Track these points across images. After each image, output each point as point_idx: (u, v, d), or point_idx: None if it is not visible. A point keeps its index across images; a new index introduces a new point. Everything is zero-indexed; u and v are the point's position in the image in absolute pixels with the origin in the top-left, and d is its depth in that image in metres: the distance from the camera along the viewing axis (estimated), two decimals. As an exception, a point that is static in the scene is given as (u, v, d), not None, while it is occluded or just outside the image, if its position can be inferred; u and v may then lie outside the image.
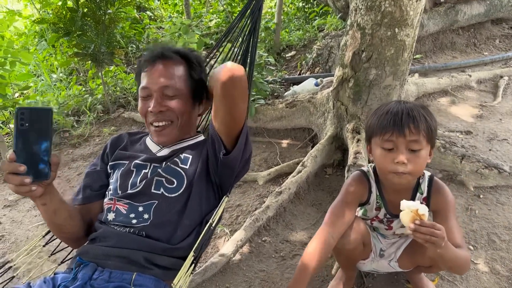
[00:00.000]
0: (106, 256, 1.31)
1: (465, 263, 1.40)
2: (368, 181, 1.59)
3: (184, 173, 1.40)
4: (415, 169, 1.36)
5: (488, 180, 2.50)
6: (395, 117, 1.35)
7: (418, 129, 1.33)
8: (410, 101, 1.44)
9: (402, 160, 1.34)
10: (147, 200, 1.37)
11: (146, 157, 1.47)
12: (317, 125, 3.14)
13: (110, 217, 1.39)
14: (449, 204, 1.50)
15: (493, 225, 2.22)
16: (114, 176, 1.48)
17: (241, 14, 1.83)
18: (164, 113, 1.41)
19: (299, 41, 5.33)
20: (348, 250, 1.56)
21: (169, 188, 1.38)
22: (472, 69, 4.26)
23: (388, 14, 2.37)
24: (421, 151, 1.36)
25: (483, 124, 3.24)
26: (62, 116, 3.87)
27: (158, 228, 1.35)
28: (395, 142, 1.35)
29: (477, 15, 4.71)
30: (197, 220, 1.42)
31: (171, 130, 1.44)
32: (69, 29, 3.43)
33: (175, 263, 1.32)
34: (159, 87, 1.40)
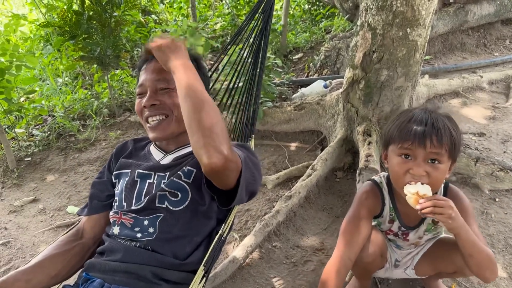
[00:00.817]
0: (113, 271, 1.28)
1: (490, 260, 1.31)
2: (381, 192, 1.51)
3: (188, 187, 1.35)
4: (431, 183, 1.27)
5: (504, 183, 2.44)
6: (417, 127, 1.26)
7: (441, 142, 1.25)
8: (436, 111, 1.33)
9: (419, 173, 1.26)
10: (152, 214, 1.33)
11: (149, 166, 1.43)
12: (326, 127, 3.09)
13: (115, 231, 1.37)
14: (468, 211, 1.42)
15: (510, 229, 2.17)
16: (119, 186, 1.45)
17: (251, 15, 1.79)
18: (158, 107, 1.37)
19: (306, 43, 5.29)
20: (367, 263, 1.51)
21: (173, 201, 1.34)
22: (483, 70, 4.20)
23: (400, 14, 2.32)
24: (440, 165, 1.27)
25: (496, 126, 3.17)
26: (68, 120, 3.84)
27: (164, 243, 1.31)
28: (414, 152, 1.27)
29: (487, 15, 4.65)
30: (206, 232, 1.38)
31: (167, 125, 1.39)
32: (75, 32, 3.40)
33: (185, 278, 1.28)
34: (152, 81, 1.38)
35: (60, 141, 3.69)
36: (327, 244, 2.20)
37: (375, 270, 1.64)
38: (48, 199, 2.96)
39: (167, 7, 7.12)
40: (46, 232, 2.58)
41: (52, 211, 2.80)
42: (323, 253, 2.15)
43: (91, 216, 1.49)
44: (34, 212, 2.82)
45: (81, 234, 1.48)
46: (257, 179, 1.31)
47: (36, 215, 2.79)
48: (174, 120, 1.39)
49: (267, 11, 1.77)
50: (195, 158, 1.37)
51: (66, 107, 4.12)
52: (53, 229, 2.60)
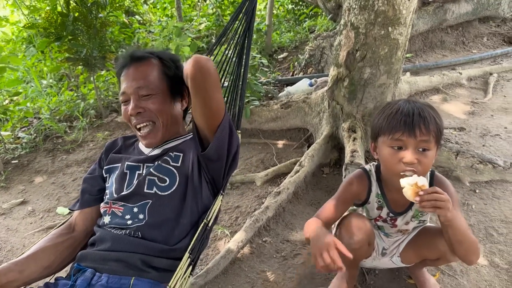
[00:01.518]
0: (104, 260, 1.31)
1: (476, 244, 1.39)
2: (369, 179, 1.59)
3: (176, 171, 1.41)
4: (422, 169, 1.35)
5: (483, 175, 2.53)
6: (406, 117, 1.33)
7: (429, 130, 1.32)
8: (418, 101, 1.42)
9: (411, 161, 1.32)
10: (141, 200, 1.38)
11: (137, 158, 1.49)
12: (312, 125, 3.15)
13: (106, 220, 1.41)
14: (453, 197, 1.49)
15: (490, 219, 2.25)
16: (109, 180, 1.50)
17: (235, 16, 1.84)
18: (143, 114, 1.42)
19: (291, 43, 5.36)
20: (354, 250, 1.57)
21: (161, 186, 1.39)
22: (462, 67, 4.32)
23: (382, 13, 2.39)
24: (429, 152, 1.35)
25: (476, 121, 3.28)
26: (55, 122, 3.83)
27: (153, 228, 1.36)
28: (405, 142, 1.34)
29: (465, 13, 4.79)
30: (194, 219, 1.43)
31: (156, 132, 1.45)
32: (60, 33, 3.40)
33: (173, 265, 1.32)
34: (134, 89, 1.42)
35: (47, 143, 3.68)
36: (315, 238, 2.26)
37: (362, 258, 1.71)
38: (37, 201, 2.96)
39: (150, 7, 7.11)
40: (37, 233, 2.59)
41: (42, 213, 2.81)
42: (312, 246, 2.21)
43: (82, 210, 1.52)
44: (23, 214, 2.81)
45: (73, 227, 1.51)
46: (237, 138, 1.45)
47: (25, 217, 2.78)
48: (161, 126, 1.45)
49: (250, 11, 1.82)
50: (182, 146, 1.48)
51: (52, 109, 4.11)
52: (43, 231, 2.60)
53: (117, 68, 1.53)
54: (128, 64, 1.47)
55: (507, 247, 2.05)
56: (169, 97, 1.47)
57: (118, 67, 1.51)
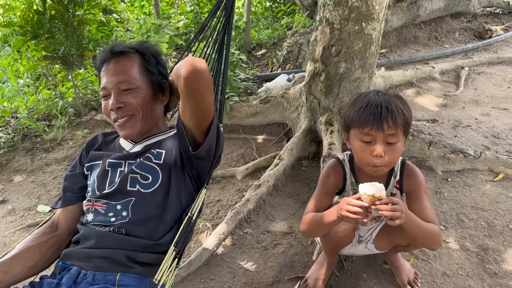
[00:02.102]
0: (89, 258, 1.32)
1: (434, 235, 1.48)
2: (343, 168, 1.65)
3: (159, 168, 1.41)
4: (391, 160, 1.43)
5: (455, 164, 2.64)
6: (374, 111, 1.38)
7: (396, 123, 1.37)
8: (388, 92, 1.47)
9: (380, 153, 1.39)
10: (124, 198, 1.38)
11: (119, 155, 1.48)
12: (291, 119, 3.21)
13: (89, 217, 1.41)
14: (421, 185, 1.59)
15: (461, 205, 2.35)
16: (91, 177, 1.49)
17: (214, 11, 1.86)
18: (123, 109, 1.42)
19: (269, 40, 5.41)
20: (341, 237, 1.63)
21: (144, 184, 1.39)
22: (435, 61, 4.45)
23: (355, 9, 2.46)
24: (397, 144, 1.41)
25: (448, 113, 3.40)
26: (33, 121, 3.80)
27: (137, 225, 1.36)
28: (374, 136, 1.39)
29: (437, 9, 4.92)
30: (178, 214, 1.44)
31: (134, 123, 1.44)
32: (37, 32, 3.37)
33: (158, 259, 1.32)
34: (114, 84, 1.42)
35: (25, 142, 3.65)
36: (295, 228, 2.33)
37: (345, 245, 1.78)
38: (17, 199, 2.94)
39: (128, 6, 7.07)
40: (17, 231, 2.58)
41: (22, 211, 2.80)
42: (292, 236, 2.28)
43: (65, 208, 1.52)
44: (3, 213, 2.80)
45: (56, 226, 1.51)
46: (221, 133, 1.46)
47: (5, 216, 2.77)
48: (141, 118, 1.45)
49: (228, 7, 1.84)
50: (164, 142, 1.48)
51: (30, 108, 4.07)
52: (24, 229, 2.60)
53: (97, 63, 1.52)
54: (108, 58, 1.46)
55: (477, 232, 2.15)
56: (150, 92, 1.47)
57: (98, 62, 1.51)
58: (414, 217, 1.42)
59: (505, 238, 2.10)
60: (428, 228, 1.46)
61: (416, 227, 1.42)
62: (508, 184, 2.49)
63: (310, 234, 1.67)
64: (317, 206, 1.62)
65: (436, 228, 1.49)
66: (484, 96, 3.68)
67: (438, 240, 1.51)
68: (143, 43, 1.57)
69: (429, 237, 1.48)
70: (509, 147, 2.83)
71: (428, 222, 1.49)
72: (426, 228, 1.46)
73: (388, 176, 1.62)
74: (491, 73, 4.16)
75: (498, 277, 1.88)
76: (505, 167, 2.57)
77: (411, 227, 1.40)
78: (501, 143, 2.90)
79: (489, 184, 2.50)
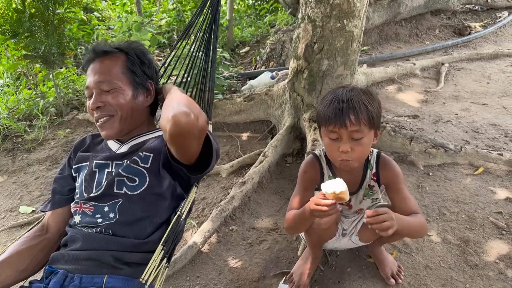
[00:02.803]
0: (76, 260, 1.30)
1: (422, 227, 1.52)
2: (320, 163, 1.67)
3: (146, 172, 1.40)
4: (358, 156, 1.45)
5: (436, 159, 2.69)
6: (336, 109, 1.40)
7: (358, 119, 1.39)
8: (354, 88, 1.48)
9: (346, 150, 1.42)
10: (111, 200, 1.37)
11: (105, 156, 1.47)
12: (275, 116, 3.23)
13: (76, 219, 1.40)
14: (398, 176, 1.61)
15: (443, 199, 2.39)
16: (79, 179, 1.48)
17: (200, 10, 1.87)
18: (103, 108, 1.41)
19: (252, 37, 5.41)
20: (323, 230, 1.65)
21: (131, 186, 1.38)
22: (416, 58, 4.50)
23: (337, 6, 2.48)
24: (363, 139, 1.43)
25: (429, 108, 3.45)
26: (14, 121, 3.74)
27: (124, 226, 1.35)
28: (339, 133, 1.42)
29: (417, 6, 4.99)
30: (167, 214, 1.43)
31: (113, 123, 1.43)
32: (16, 30, 3.32)
33: (146, 258, 1.31)
34: (95, 83, 1.41)
35: (6, 142, 3.60)
36: (280, 224, 2.34)
37: (329, 238, 1.80)
38: (-2, 201, 2.90)
39: (109, 4, 6.99)
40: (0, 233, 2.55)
41: (4, 212, 2.76)
42: (277, 232, 2.29)
43: (54, 211, 1.51)
44: (-15, 215, 2.76)
45: (46, 229, 1.50)
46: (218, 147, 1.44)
47: (-13, 218, 2.73)
48: (119, 119, 1.44)
49: (214, 5, 1.85)
50: (151, 144, 1.47)
51: (10, 108, 4.00)
52: (6, 230, 2.56)
53: (84, 62, 1.52)
54: (92, 58, 1.46)
55: (458, 225, 2.19)
56: (132, 92, 1.45)
57: (84, 61, 1.51)
58: (403, 219, 1.43)
59: (485, 230, 2.15)
60: (417, 223, 1.50)
61: (407, 227, 1.45)
62: (488, 177, 2.55)
63: (293, 231, 1.70)
64: (298, 202, 1.64)
65: (422, 219, 1.52)
66: (464, 92, 3.75)
67: (424, 230, 1.56)
68: (131, 43, 1.56)
69: (417, 230, 1.53)
70: (488, 141, 2.89)
71: (411, 211, 1.53)
72: (415, 224, 1.49)
73: (364, 168, 1.65)
74: (470, 69, 4.23)
75: (478, 268, 1.93)
76: (485, 161, 2.63)
77: (402, 229, 1.42)
78: (481, 137, 2.96)
79: (469, 178, 2.55)
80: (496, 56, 4.48)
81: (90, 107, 1.42)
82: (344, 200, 1.33)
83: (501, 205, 2.30)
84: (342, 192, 1.30)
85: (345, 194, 1.31)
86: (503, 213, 2.24)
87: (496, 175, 2.56)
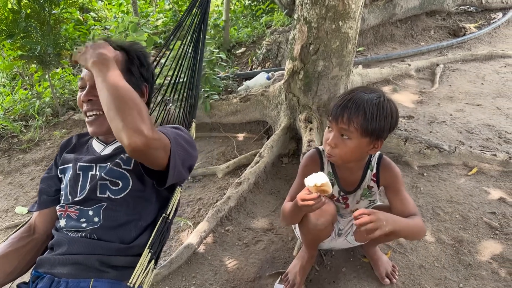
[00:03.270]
0: (62, 265, 1.29)
1: (420, 229, 1.53)
2: (321, 159, 1.69)
3: (128, 174, 1.38)
4: (340, 154, 1.47)
5: (430, 159, 2.71)
6: (338, 103, 1.45)
7: (350, 120, 1.40)
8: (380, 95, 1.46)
9: (330, 142, 1.47)
10: (95, 204, 1.36)
11: (89, 158, 1.45)
12: (271, 117, 3.24)
13: (62, 223, 1.38)
14: (398, 178, 1.63)
15: (437, 199, 2.41)
16: (64, 181, 1.46)
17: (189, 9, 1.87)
18: (94, 102, 1.38)
19: (248, 38, 5.43)
20: (319, 230, 1.66)
21: (114, 190, 1.36)
22: (411, 59, 4.53)
23: (332, 8, 2.50)
24: (349, 141, 1.44)
25: (423, 109, 3.48)
26: (9, 122, 3.73)
27: (109, 230, 1.34)
28: (332, 125, 1.48)
29: (412, 8, 5.02)
30: (151, 217, 1.42)
31: (103, 121, 1.38)
32: (12, 31, 3.31)
33: (133, 261, 1.30)
34: (90, 76, 1.37)
35: (2, 143, 3.59)
36: (276, 224, 2.36)
37: (325, 238, 1.80)
38: (-6, 201, 2.90)
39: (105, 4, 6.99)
40: None
41: (0, 213, 2.75)
42: (273, 232, 2.30)
43: (41, 211, 1.49)
44: (-20, 216, 2.75)
45: (33, 229, 1.49)
46: (191, 154, 1.37)
47: (-17, 219, 2.72)
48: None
49: (203, 5, 1.86)
50: None
51: (6, 109, 4.00)
52: (1, 231, 2.56)
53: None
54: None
55: (452, 225, 2.21)
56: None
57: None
58: (400, 220, 1.44)
59: (479, 230, 2.17)
60: (415, 225, 1.50)
61: (404, 228, 1.46)
62: (482, 178, 2.57)
63: (287, 222, 1.72)
64: (294, 194, 1.65)
65: (419, 221, 1.53)
66: (459, 93, 3.77)
67: (423, 231, 1.56)
68: (133, 44, 1.54)
69: (415, 232, 1.53)
70: (482, 142, 2.92)
71: (409, 213, 1.54)
72: (413, 226, 1.50)
73: (364, 169, 1.66)
74: (465, 70, 4.26)
75: (472, 268, 1.94)
76: (479, 162, 2.65)
77: (400, 230, 1.43)
78: (475, 138, 2.98)
79: (463, 178, 2.57)
80: (490, 57, 4.52)
81: (82, 99, 1.39)
82: (327, 193, 1.34)
83: (494, 205, 2.32)
84: (323, 184, 1.31)
85: (327, 186, 1.32)
86: (496, 213, 2.26)
87: (490, 175, 2.58)
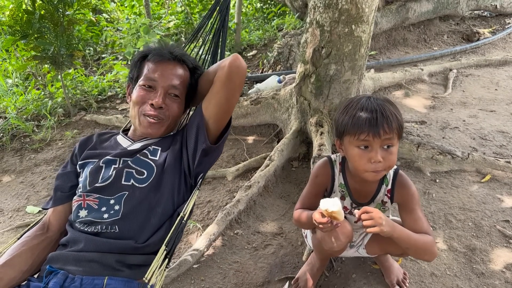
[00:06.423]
0: (77, 261, 1.30)
1: (426, 246, 1.47)
2: (332, 168, 1.65)
3: (154, 164, 1.44)
4: (390, 164, 1.43)
5: (443, 165, 2.67)
6: (370, 118, 1.38)
7: (392, 128, 1.37)
8: (378, 97, 1.47)
9: (378, 159, 1.39)
10: (118, 192, 1.38)
11: (116, 153, 1.49)
12: (281, 120, 3.23)
13: (82, 214, 1.38)
14: (414, 197, 1.57)
15: (449, 206, 2.38)
16: (83, 174, 1.48)
17: (209, 14, 1.89)
18: (162, 111, 1.49)
19: (259, 41, 5.43)
20: (336, 251, 1.63)
21: (139, 178, 1.41)
22: (424, 63, 4.49)
23: (345, 12, 2.48)
24: (393, 148, 1.42)
25: (436, 114, 3.44)
26: (22, 121, 3.77)
27: (129, 220, 1.36)
28: (370, 142, 1.39)
29: (426, 12, 4.98)
30: (169, 211, 1.45)
31: (160, 127, 1.52)
32: (26, 31, 3.35)
33: (147, 260, 1.33)
34: (168, 84, 1.49)
35: (14, 142, 3.62)
36: (285, 229, 2.34)
37: (338, 254, 1.80)
38: (6, 200, 2.92)
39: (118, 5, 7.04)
40: (6, 233, 2.56)
41: (11, 212, 2.77)
42: (282, 237, 2.29)
43: (55, 208, 1.50)
44: (-11, 215, 2.77)
45: (47, 227, 1.49)
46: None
47: (-8, 217, 2.75)
48: (166, 125, 1.53)
49: (223, 11, 1.87)
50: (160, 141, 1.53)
51: (19, 108, 4.04)
52: (13, 230, 2.58)
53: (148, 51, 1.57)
54: (167, 57, 1.53)
55: (465, 232, 2.18)
56: (183, 107, 1.59)
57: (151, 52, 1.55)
58: (401, 228, 1.44)
59: (492, 238, 2.13)
60: (419, 240, 1.46)
61: (406, 238, 1.44)
62: (495, 185, 2.53)
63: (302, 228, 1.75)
64: (305, 203, 1.68)
65: (429, 239, 1.48)
66: (472, 98, 3.73)
67: (432, 251, 1.49)
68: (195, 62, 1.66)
69: (420, 249, 1.48)
70: (496, 149, 2.87)
71: (421, 232, 1.49)
72: (416, 240, 1.46)
73: (379, 184, 1.61)
74: (478, 75, 4.21)
75: (485, 277, 1.91)
76: (492, 169, 2.61)
77: (399, 238, 1.42)
78: (488, 144, 2.94)
79: (476, 185, 2.53)
80: (504, 62, 4.46)
81: (154, 102, 1.46)
82: (338, 220, 1.36)
83: (508, 213, 2.28)
84: (334, 212, 1.32)
85: (338, 214, 1.33)
86: (510, 222, 2.22)
87: (503, 182, 2.54)
